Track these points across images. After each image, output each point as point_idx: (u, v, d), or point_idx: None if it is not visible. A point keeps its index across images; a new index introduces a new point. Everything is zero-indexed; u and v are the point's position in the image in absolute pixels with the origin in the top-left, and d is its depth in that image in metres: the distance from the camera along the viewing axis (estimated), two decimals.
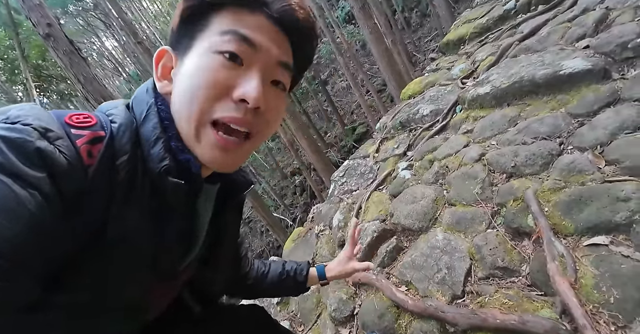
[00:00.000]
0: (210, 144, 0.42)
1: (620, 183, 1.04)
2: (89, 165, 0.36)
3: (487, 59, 2.53)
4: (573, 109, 1.49)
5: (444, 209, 1.58)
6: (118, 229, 0.39)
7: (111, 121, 0.41)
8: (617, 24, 1.67)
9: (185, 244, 0.53)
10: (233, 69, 0.41)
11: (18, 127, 0.33)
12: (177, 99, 0.44)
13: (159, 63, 0.47)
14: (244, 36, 0.41)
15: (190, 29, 0.44)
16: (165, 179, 0.41)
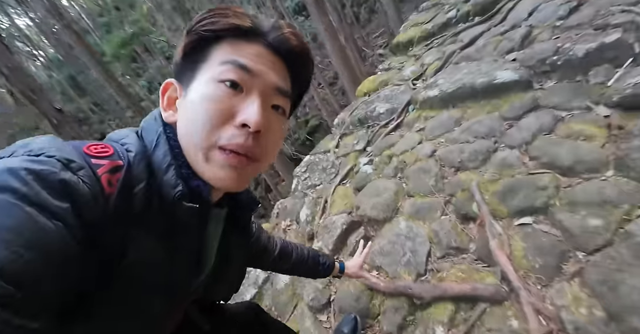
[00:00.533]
0: (220, 164, 0.44)
1: (540, 175, 1.32)
2: (109, 194, 0.38)
3: (434, 63, 2.82)
4: (504, 113, 1.79)
5: (404, 201, 1.79)
6: (136, 256, 0.41)
7: (127, 150, 0.43)
8: (539, 41, 2.02)
9: (198, 266, 0.56)
10: (234, 96, 0.44)
11: (42, 159, 0.34)
12: (183, 127, 0.46)
13: (165, 94, 0.50)
14: (242, 65, 0.44)
15: (192, 61, 0.46)
16: (180, 204, 0.43)
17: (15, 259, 0.29)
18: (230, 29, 0.45)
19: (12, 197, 0.31)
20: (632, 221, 0.94)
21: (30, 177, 0.32)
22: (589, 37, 1.67)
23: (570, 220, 1.07)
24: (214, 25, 0.45)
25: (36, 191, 0.32)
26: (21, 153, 0.35)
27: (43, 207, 0.32)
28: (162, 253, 0.44)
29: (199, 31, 0.45)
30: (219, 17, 0.45)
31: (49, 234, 0.31)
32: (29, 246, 0.30)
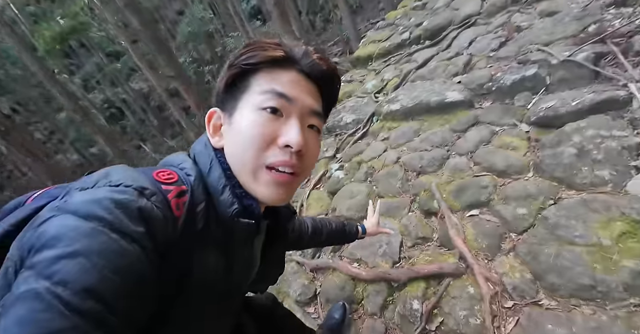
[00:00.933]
0: (267, 182, 0.49)
1: (482, 177, 1.69)
2: (178, 217, 0.42)
3: (393, 79, 3.20)
4: (453, 126, 2.18)
5: (375, 201, 2.07)
6: (201, 271, 0.45)
7: (187, 174, 0.48)
8: (477, 68, 2.47)
9: (249, 270, 0.62)
10: (276, 121, 0.49)
11: (122, 189, 0.39)
12: (232, 151, 0.51)
13: (210, 122, 0.55)
14: (280, 92, 0.49)
15: (234, 91, 0.51)
16: (238, 220, 0.48)
17: (103, 281, 0.33)
18: (267, 61, 0.50)
19: (99, 225, 0.35)
20: (546, 208, 1.32)
21: (113, 206, 0.37)
22: (514, 69, 2.13)
23: (505, 210, 1.43)
24: (253, 58, 0.50)
25: (119, 218, 0.36)
26: (103, 184, 0.40)
27: (125, 233, 0.36)
28: (223, 262, 0.49)
29: (240, 65, 0.50)
30: (257, 50, 0.50)
31: (130, 257, 0.35)
32: (115, 269, 0.34)
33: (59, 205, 0.37)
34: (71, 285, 0.31)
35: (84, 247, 0.33)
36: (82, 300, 0.31)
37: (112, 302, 0.33)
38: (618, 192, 1.21)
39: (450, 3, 3.68)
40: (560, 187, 1.38)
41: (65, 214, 0.36)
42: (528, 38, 2.26)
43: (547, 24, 2.26)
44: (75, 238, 0.33)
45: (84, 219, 0.35)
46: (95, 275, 0.32)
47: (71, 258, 0.32)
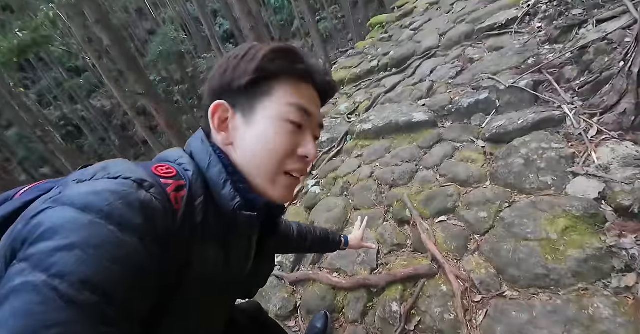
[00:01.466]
0: (284, 185, 0.54)
1: (448, 187, 1.87)
2: (177, 210, 0.43)
3: (364, 102, 3.44)
4: (420, 144, 2.38)
5: (352, 213, 2.18)
6: (201, 263, 0.46)
7: (185, 169, 0.48)
8: (439, 93, 2.76)
9: (246, 262, 0.63)
10: (297, 133, 0.53)
11: (120, 181, 0.39)
12: (248, 152, 0.52)
13: (215, 115, 0.54)
14: (305, 109, 0.53)
15: (253, 92, 0.52)
16: (240, 213, 0.50)
17: (100, 272, 0.32)
18: (293, 72, 0.53)
19: (96, 217, 0.35)
20: (502, 211, 1.50)
21: (112, 198, 0.36)
22: (469, 94, 2.43)
23: (469, 215, 1.59)
24: (283, 69, 0.52)
25: (117, 210, 0.36)
26: (101, 176, 0.40)
27: (123, 225, 0.36)
28: (222, 255, 0.51)
29: (269, 71, 0.51)
30: (287, 61, 0.52)
31: (128, 249, 0.35)
32: (112, 261, 0.33)
33: (54, 197, 0.37)
34: (68, 277, 0.31)
35: (81, 240, 0.33)
36: (79, 292, 0.31)
37: (110, 294, 0.33)
38: (559, 194, 1.42)
39: (413, 37, 4.10)
40: (513, 192, 1.58)
41: (62, 206, 0.35)
42: (479, 68, 2.60)
43: (495, 57, 2.62)
44: (73, 230, 0.33)
45: (82, 211, 0.35)
46: (93, 267, 0.32)
47: (68, 250, 0.32)
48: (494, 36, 2.96)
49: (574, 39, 2.17)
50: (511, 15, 2.95)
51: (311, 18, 7.91)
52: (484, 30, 3.09)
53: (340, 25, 13.42)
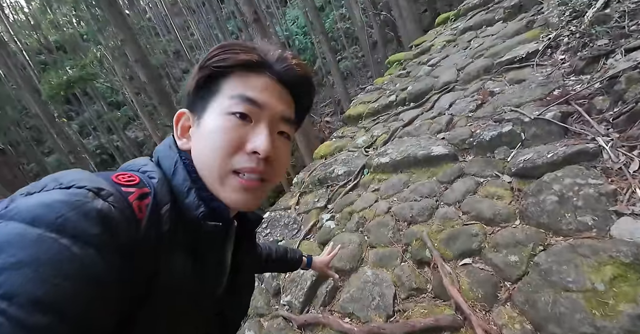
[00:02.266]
0: (234, 187, 0.48)
1: (472, 225, 1.71)
2: (140, 219, 0.40)
3: (382, 135, 3.41)
4: (440, 178, 2.27)
5: (367, 251, 2.03)
6: (168, 273, 0.43)
7: (149, 177, 0.46)
8: (458, 126, 2.69)
9: (219, 277, 0.59)
10: (244, 127, 0.48)
11: (74, 191, 0.36)
12: (199, 154, 0.50)
13: (178, 123, 0.53)
14: (250, 98, 0.48)
15: (204, 93, 0.50)
16: (204, 223, 0.47)
17: (52, 291, 0.30)
18: (239, 65, 0.49)
19: (46, 231, 0.32)
20: (536, 255, 1.32)
21: (64, 209, 0.33)
22: (491, 127, 2.33)
23: (497, 258, 1.42)
24: (224, 61, 0.49)
25: (70, 222, 0.33)
26: (52, 187, 0.36)
27: (77, 238, 0.33)
28: (190, 265, 0.47)
29: (211, 67, 0.49)
30: (229, 53, 0.49)
31: (83, 262, 0.32)
32: (66, 277, 0.31)
33: (1, 212, 0.34)
34: (17, 299, 0.28)
35: (29, 257, 0.30)
36: (29, 314, 0.28)
37: (64, 313, 0.30)
38: (603, 237, 1.24)
39: (430, 72, 4.15)
40: (547, 233, 1.41)
41: (8, 221, 0.32)
42: (501, 101, 2.52)
43: (517, 90, 2.55)
44: (20, 247, 0.30)
45: (30, 225, 0.32)
46: (43, 285, 0.29)
47: (16, 269, 0.29)
48: (515, 69, 2.92)
49: (601, 69, 2.08)
50: (531, 49, 2.91)
51: (332, 58, 8.31)
52: (504, 64, 3.06)
53: (360, 64, 13.99)
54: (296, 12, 15.93)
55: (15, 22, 17.63)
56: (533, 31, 3.31)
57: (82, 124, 18.16)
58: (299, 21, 15.34)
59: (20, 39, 15.91)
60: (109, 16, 6.08)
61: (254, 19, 4.80)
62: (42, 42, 17.04)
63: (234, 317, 0.69)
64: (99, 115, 17.44)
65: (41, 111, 6.08)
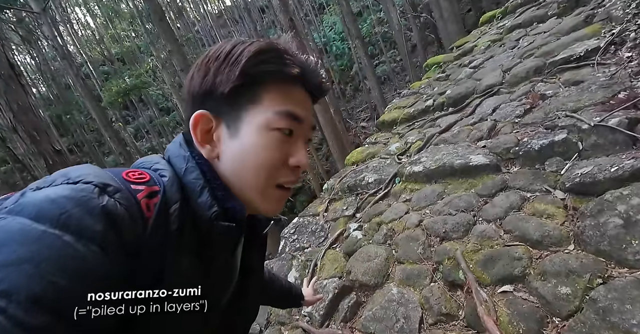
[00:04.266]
0: (277, 199, 0.51)
1: (514, 247, 1.51)
2: (148, 217, 0.39)
3: (416, 142, 3.23)
4: (479, 191, 2.06)
5: (394, 267, 1.90)
6: (173, 276, 0.41)
7: (160, 175, 0.45)
8: (502, 134, 2.44)
9: (226, 283, 0.57)
10: (287, 142, 0.49)
11: (80, 186, 0.35)
12: (236, 166, 0.49)
13: (197, 127, 0.49)
14: (295, 115, 0.49)
15: (238, 99, 0.48)
16: (217, 223, 0.45)
17: (52, 288, 0.29)
18: (281, 76, 0.48)
19: (50, 227, 0.31)
20: (594, 289, 1.11)
21: (69, 205, 0.33)
22: (542, 134, 2.08)
23: (544, 288, 1.22)
24: (272, 74, 0.48)
25: (75, 218, 0.33)
26: (60, 182, 0.36)
27: (81, 234, 0.32)
28: (198, 266, 0.46)
29: (256, 75, 0.47)
30: (277, 64, 0.48)
31: (86, 260, 0.32)
32: (67, 275, 0.30)
33: (9, 207, 0.34)
34: (16, 297, 0.27)
35: (30, 253, 0.30)
36: (29, 313, 0.27)
37: (65, 312, 0.30)
38: None
39: (472, 75, 3.87)
40: (608, 263, 1.18)
41: (15, 216, 0.32)
42: (554, 105, 2.25)
43: (573, 92, 2.25)
44: (22, 243, 0.30)
45: (35, 220, 0.31)
46: (44, 284, 0.29)
47: (16, 265, 0.29)
48: (571, 69, 2.60)
49: None
50: (591, 46, 2.57)
51: (368, 62, 8.19)
52: (558, 63, 2.74)
53: (398, 68, 13.66)
54: (334, 19, 16.06)
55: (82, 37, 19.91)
56: (593, 26, 2.95)
57: (137, 127, 19.88)
58: (337, 27, 15.43)
59: (87, 52, 17.95)
60: (159, 30, 6.56)
61: (290, 26, 4.87)
62: (105, 55, 19.03)
63: (241, 321, 0.67)
64: (151, 120, 18.98)
65: (98, 115, 6.76)
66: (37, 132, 3.19)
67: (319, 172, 9.47)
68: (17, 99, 3.10)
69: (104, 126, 6.83)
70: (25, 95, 3.25)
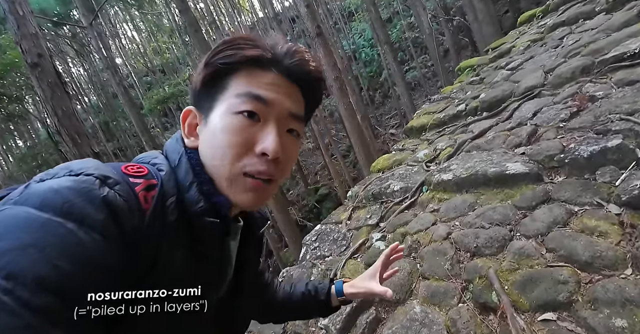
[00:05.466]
0: (244, 188, 0.48)
1: (559, 268, 1.32)
2: (146, 209, 0.41)
3: (446, 149, 3.04)
4: (517, 203, 1.86)
5: (418, 282, 1.75)
6: (166, 270, 0.42)
7: (158, 169, 0.46)
8: (545, 139, 2.21)
9: (220, 279, 0.56)
10: (252, 126, 0.47)
11: (81, 178, 0.37)
12: (207, 154, 0.49)
13: (185, 121, 0.52)
14: (257, 95, 0.47)
15: (210, 91, 0.49)
16: (202, 219, 0.46)
17: (56, 272, 0.31)
18: (244, 61, 0.48)
19: (54, 215, 0.33)
20: None
21: (71, 195, 0.35)
22: (592, 140, 1.84)
23: (594, 319, 1.04)
24: (230, 58, 0.47)
25: (77, 207, 0.34)
26: (62, 174, 0.38)
27: (83, 223, 0.34)
28: (190, 259, 0.46)
29: (216, 64, 0.48)
30: (234, 49, 0.47)
31: (88, 247, 0.33)
32: (70, 260, 0.32)
33: (14, 198, 0.35)
34: (22, 279, 0.29)
35: (36, 239, 0.31)
36: (34, 295, 0.29)
37: (67, 293, 0.31)
38: None
39: (510, 77, 3.61)
40: None
41: (20, 206, 0.34)
42: (605, 107, 2.00)
43: (629, 93, 1.99)
44: (27, 230, 0.32)
45: (39, 209, 0.33)
46: (49, 267, 0.30)
47: (21, 250, 0.30)
48: (624, 68, 2.31)
49: None
50: None
51: (397, 68, 8.02)
52: (609, 62, 2.46)
53: (430, 74, 13.27)
54: (363, 25, 16.04)
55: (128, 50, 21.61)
56: None
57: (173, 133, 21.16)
58: (366, 34, 15.37)
59: (132, 64, 19.44)
60: (194, 41, 6.90)
61: (317, 33, 4.88)
62: (148, 66, 20.49)
63: (237, 320, 0.66)
64: None
65: (136, 122, 7.23)
66: (79, 135, 3.43)
67: (346, 180, 9.34)
68: (61, 105, 3.35)
69: (142, 132, 7.30)
70: (69, 101, 3.50)
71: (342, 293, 0.81)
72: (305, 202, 12.13)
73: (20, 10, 2.92)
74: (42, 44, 3.29)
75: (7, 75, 8.78)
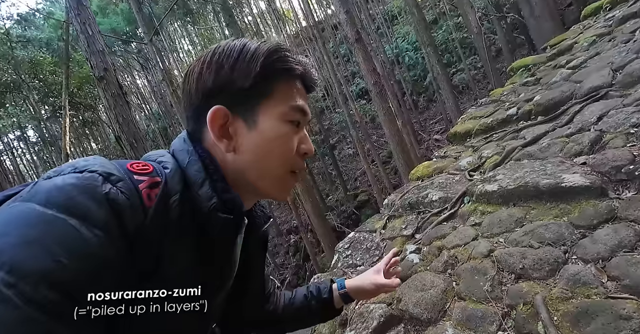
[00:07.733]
0: (291, 185, 0.57)
1: (622, 300, 1.12)
2: (149, 206, 0.41)
3: (492, 157, 2.79)
4: (575, 220, 1.63)
5: (453, 303, 1.61)
6: (169, 267, 0.43)
7: (163, 167, 0.47)
8: (611, 147, 1.92)
9: (222, 279, 0.56)
10: (297, 133, 0.55)
11: (86, 175, 0.38)
12: (253, 157, 0.52)
13: (215, 122, 0.50)
14: (303, 109, 0.55)
15: (252, 93, 0.51)
16: (215, 215, 0.46)
17: (59, 268, 0.31)
18: (292, 72, 0.54)
19: (58, 212, 0.34)
20: None
21: (74, 191, 0.36)
22: None
23: None
24: (290, 71, 0.53)
25: (80, 204, 0.35)
26: (68, 171, 0.39)
27: (86, 219, 0.35)
28: (195, 257, 0.46)
29: (268, 69, 0.51)
30: (290, 61, 0.53)
31: (92, 244, 0.34)
32: (73, 256, 0.33)
33: (23, 195, 0.37)
34: (25, 274, 0.30)
35: (40, 235, 0.32)
36: (37, 289, 0.30)
37: (69, 289, 0.32)
38: None
39: (570, 76, 3.23)
40: None
41: (27, 202, 0.35)
42: None
43: None
44: (32, 225, 0.33)
45: (44, 206, 0.34)
46: (50, 262, 0.31)
47: (26, 246, 0.31)
48: None
49: None
50: None
51: (442, 71, 7.65)
52: None
53: (479, 76, 12.45)
54: (406, 29, 15.64)
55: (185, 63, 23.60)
56: None
57: None
58: (410, 37, 14.95)
59: None
60: None
61: (356, 39, 4.86)
62: None
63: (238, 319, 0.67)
64: None
65: None
66: (136, 140, 3.80)
67: (385, 186, 9.10)
68: (122, 113, 3.75)
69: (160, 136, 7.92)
70: (128, 110, 3.91)
71: (344, 286, 0.80)
72: (344, 208, 12.05)
73: (89, 30, 3.33)
74: (107, 59, 3.73)
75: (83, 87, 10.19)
